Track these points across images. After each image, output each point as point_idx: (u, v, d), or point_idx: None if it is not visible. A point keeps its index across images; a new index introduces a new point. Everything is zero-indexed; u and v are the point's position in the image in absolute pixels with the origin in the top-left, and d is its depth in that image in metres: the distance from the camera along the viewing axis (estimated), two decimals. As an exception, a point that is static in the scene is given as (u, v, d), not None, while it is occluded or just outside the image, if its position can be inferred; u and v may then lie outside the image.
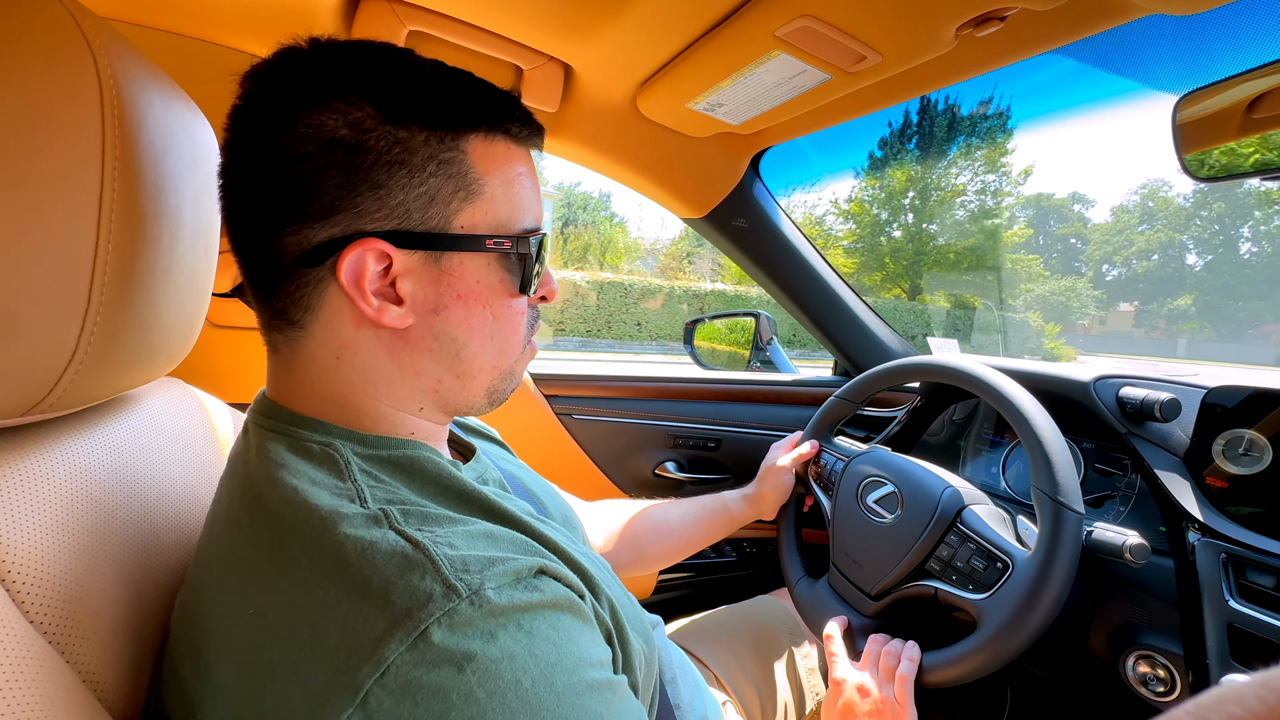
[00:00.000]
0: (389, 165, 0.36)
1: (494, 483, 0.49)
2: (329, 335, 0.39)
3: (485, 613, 0.30)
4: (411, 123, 0.37)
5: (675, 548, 0.85)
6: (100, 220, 0.35)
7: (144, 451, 0.46)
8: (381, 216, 0.37)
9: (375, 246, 0.37)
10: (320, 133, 0.35)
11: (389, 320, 0.38)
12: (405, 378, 0.41)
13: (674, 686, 0.63)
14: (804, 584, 0.84)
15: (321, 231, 0.36)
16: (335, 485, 0.35)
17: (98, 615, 0.36)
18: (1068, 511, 0.61)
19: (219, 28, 0.71)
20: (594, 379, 1.20)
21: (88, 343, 0.35)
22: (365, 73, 0.37)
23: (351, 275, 0.37)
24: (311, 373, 0.40)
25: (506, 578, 0.33)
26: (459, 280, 0.40)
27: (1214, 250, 40.01)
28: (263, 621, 0.31)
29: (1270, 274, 38.89)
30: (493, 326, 0.42)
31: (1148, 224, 41.33)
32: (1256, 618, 0.59)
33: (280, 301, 0.39)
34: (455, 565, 0.31)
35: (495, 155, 0.40)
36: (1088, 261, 42.23)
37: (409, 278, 0.38)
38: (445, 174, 0.38)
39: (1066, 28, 0.61)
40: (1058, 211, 44.47)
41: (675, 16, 0.65)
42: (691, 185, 1.03)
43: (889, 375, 0.87)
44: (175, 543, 0.45)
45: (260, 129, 0.36)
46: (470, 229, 0.39)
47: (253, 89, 0.37)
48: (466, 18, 0.71)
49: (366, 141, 0.36)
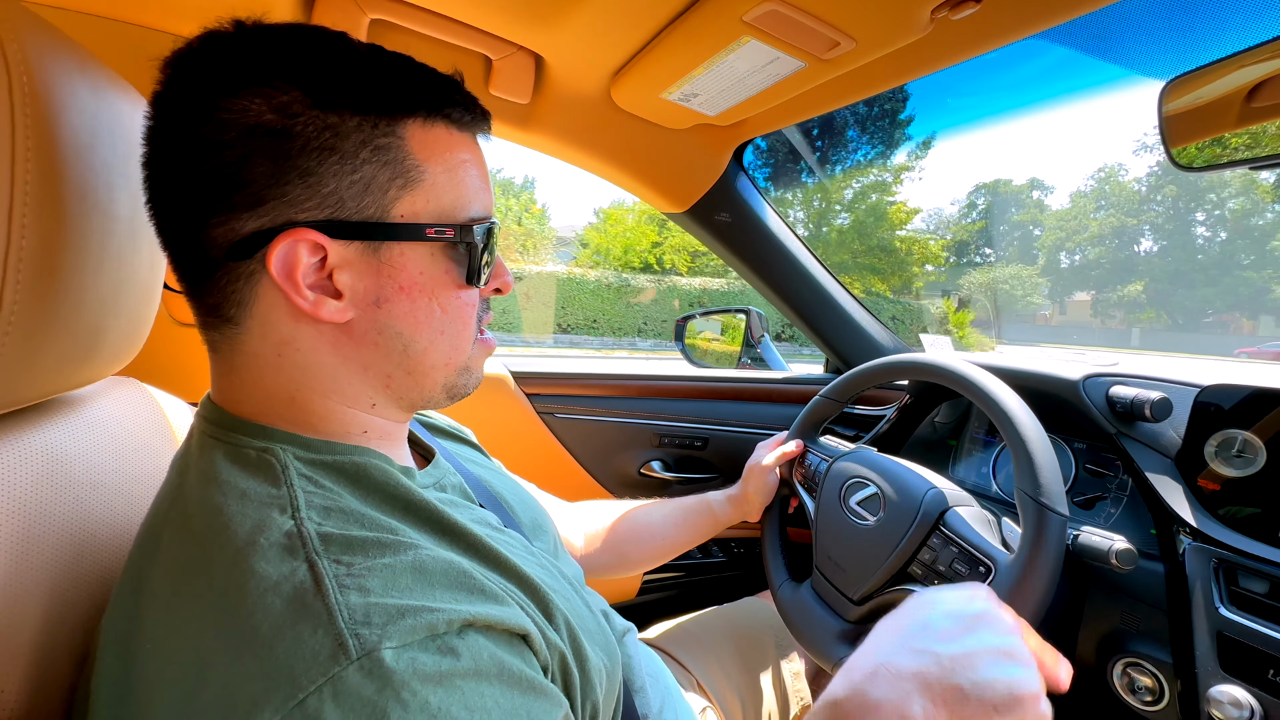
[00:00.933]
0: (319, 151, 0.35)
1: (453, 489, 0.48)
2: (267, 331, 0.37)
3: (377, 682, 0.27)
4: (342, 107, 0.35)
5: (658, 550, 0.84)
6: (12, 215, 0.33)
7: (84, 455, 0.45)
8: (313, 206, 0.35)
9: (307, 237, 0.35)
10: (244, 118, 0.34)
11: (327, 314, 0.37)
12: (352, 373, 0.39)
13: (642, 695, 0.62)
14: (787, 588, 0.83)
15: (250, 222, 0.35)
16: (268, 493, 0.34)
17: (21, 627, 0.34)
18: (1051, 514, 0.59)
19: (171, 15, 0.69)
20: (577, 377, 1.19)
21: (1, 343, 0.34)
22: (293, 56, 0.35)
23: (283, 267, 0.35)
24: (254, 371, 0.39)
25: (416, 634, 0.29)
26: (400, 272, 0.38)
27: (1166, 235, 38.63)
28: (156, 658, 0.30)
29: (1221, 259, 37.17)
30: (441, 319, 0.40)
31: (1101, 209, 40.01)
32: (1247, 626, 0.56)
33: (213, 297, 0.37)
34: (355, 616, 0.28)
35: (435, 141, 0.39)
36: (1041, 249, 41.00)
37: (346, 270, 0.37)
38: (380, 160, 0.36)
39: (1048, 10, 0.59)
40: (1015, 199, 43.19)
41: (641, 1, 0.63)
42: (672, 179, 1.01)
43: (874, 374, 0.85)
44: (117, 551, 0.43)
45: (182, 116, 0.35)
46: (411, 218, 0.38)
47: (174, 74, 0.35)
48: (430, 5, 0.69)
49: (293, 127, 0.34)
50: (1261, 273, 34.81)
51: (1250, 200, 35.60)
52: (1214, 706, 0.56)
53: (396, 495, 0.38)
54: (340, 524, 0.33)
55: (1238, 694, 0.55)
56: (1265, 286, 34.73)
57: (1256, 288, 35.02)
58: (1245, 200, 35.63)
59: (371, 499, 0.37)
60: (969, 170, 48.59)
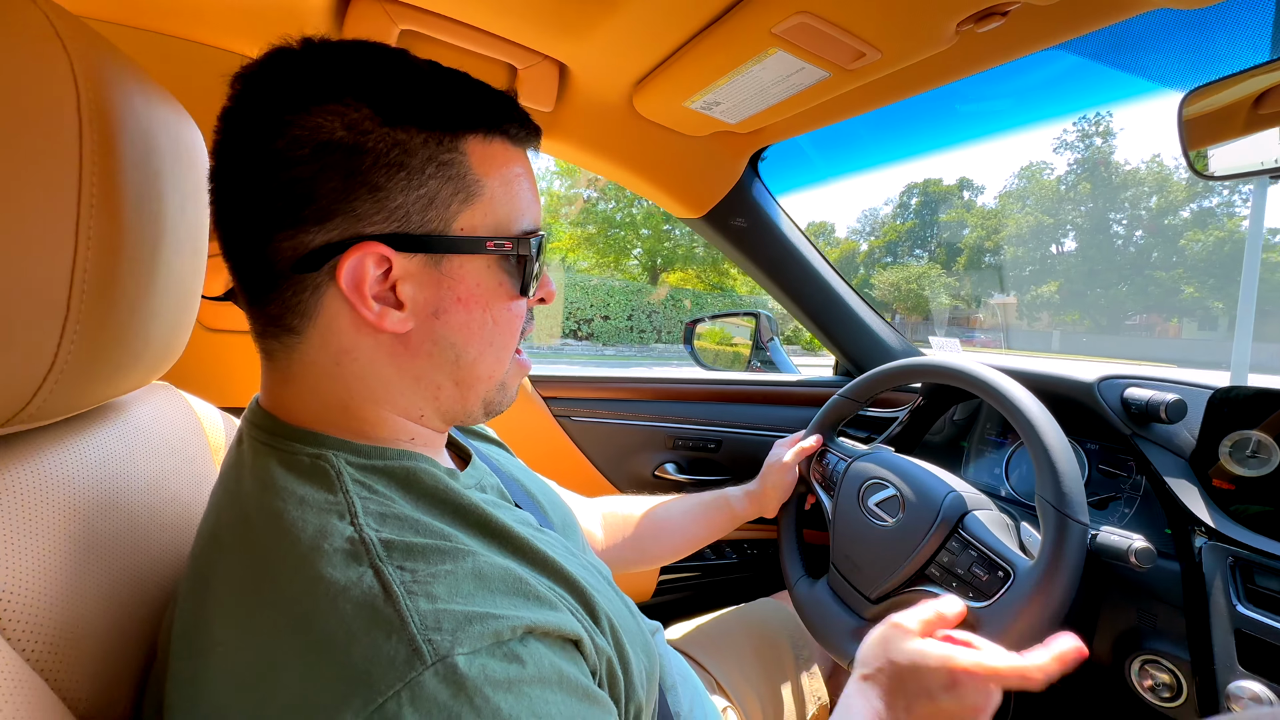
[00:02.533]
0: (388, 168, 0.35)
1: (492, 489, 0.48)
2: (328, 341, 0.38)
3: (453, 687, 0.28)
4: (410, 124, 0.36)
5: (678, 545, 0.85)
6: (79, 225, 0.34)
7: (132, 460, 0.45)
8: (380, 219, 0.36)
9: (375, 250, 0.36)
10: (317, 135, 0.34)
11: (390, 325, 0.38)
12: (405, 382, 0.40)
13: (674, 693, 0.62)
14: (803, 584, 0.83)
15: (319, 236, 0.36)
16: (325, 500, 0.35)
17: (83, 635, 0.35)
18: (1072, 523, 0.60)
19: (207, 27, 0.70)
20: (592, 380, 1.19)
21: (68, 350, 0.34)
22: (361, 73, 0.36)
23: (351, 280, 0.36)
24: (311, 380, 0.39)
25: (484, 640, 0.30)
26: (459, 283, 0.39)
27: (1081, 233, 36.94)
28: (228, 661, 0.30)
29: (1135, 258, 35.27)
30: (492, 331, 0.41)
31: (1020, 207, 38.83)
32: (1265, 623, 0.58)
33: (276, 308, 0.38)
34: (426, 622, 0.29)
35: (494, 156, 0.40)
36: (964, 248, 39.25)
37: (409, 281, 0.38)
38: (444, 176, 0.37)
39: (1070, 22, 0.60)
40: (944, 198, 42.14)
41: (670, 14, 0.64)
42: (689, 185, 1.02)
43: (894, 375, 0.86)
44: (166, 555, 0.44)
45: (253, 131, 0.35)
46: (470, 231, 0.39)
47: (244, 90, 0.36)
48: (459, 16, 0.70)
49: (365, 143, 0.35)
50: (1171, 272, 33.27)
51: (1165, 198, 33.96)
52: (1234, 702, 0.57)
53: (446, 499, 0.39)
54: (397, 530, 0.34)
55: (1257, 689, 0.56)
56: (1175, 286, 32.98)
57: (1166, 287, 33.36)
58: (1161, 198, 34.02)
59: (422, 503, 0.38)
60: (906, 169, 47.74)
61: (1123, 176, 34.68)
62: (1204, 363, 26.53)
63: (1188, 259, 32.18)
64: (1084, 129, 36.39)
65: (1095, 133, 35.98)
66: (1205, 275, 31.46)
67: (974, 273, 38.15)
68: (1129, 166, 35.32)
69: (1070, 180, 37.11)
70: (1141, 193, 34.17)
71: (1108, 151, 35.91)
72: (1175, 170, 32.92)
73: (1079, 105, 45.83)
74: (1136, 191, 34.53)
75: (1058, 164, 37.93)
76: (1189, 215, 32.63)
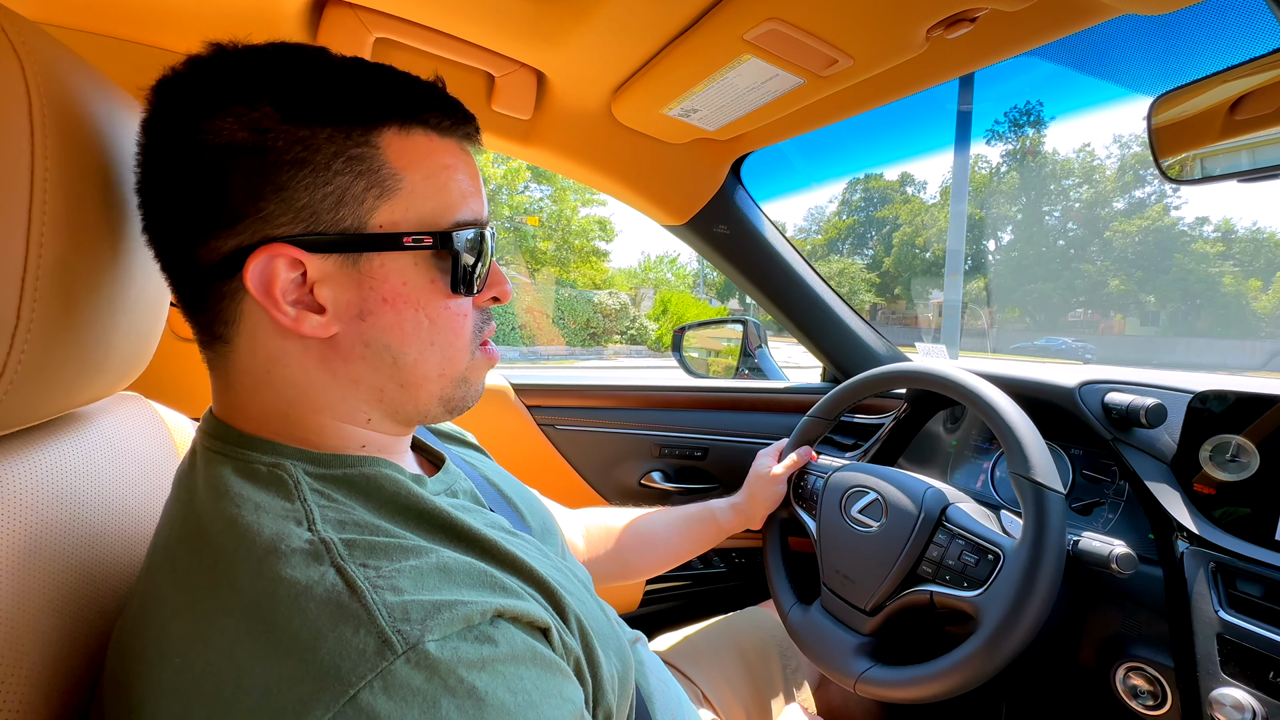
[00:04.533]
0: (291, 165, 0.35)
1: (465, 494, 0.48)
2: (255, 348, 0.38)
3: (426, 672, 0.28)
4: (313, 120, 0.35)
5: (661, 559, 0.84)
6: (30, 233, 0.33)
7: (92, 472, 0.44)
8: (288, 220, 0.35)
9: (283, 252, 0.35)
10: (219, 137, 0.34)
11: (309, 329, 0.37)
12: (342, 388, 0.39)
13: (653, 704, 0.61)
14: (796, 611, 0.82)
15: (229, 240, 0.35)
16: (283, 507, 0.34)
17: (26, 650, 0.34)
18: (1047, 491, 0.61)
19: (177, 35, 0.70)
20: (577, 388, 1.19)
21: (18, 360, 0.34)
22: (266, 74, 0.36)
23: (260, 284, 0.35)
24: (247, 388, 0.39)
25: (454, 626, 0.30)
26: (382, 283, 0.38)
27: (1010, 227, 34.90)
28: (186, 672, 0.29)
29: (1063, 251, 32.68)
30: (430, 331, 0.40)
31: (952, 201, 36.96)
32: (1246, 629, 0.57)
33: (204, 316, 0.38)
34: (394, 614, 0.29)
35: (414, 148, 0.38)
36: (896, 244, 37.45)
37: (326, 284, 0.37)
38: (355, 171, 0.36)
39: (1038, 29, 0.60)
40: (884, 194, 41.09)
41: (644, 21, 0.65)
42: (671, 192, 1.03)
43: (857, 389, 0.87)
44: (125, 570, 0.43)
45: (167, 139, 0.35)
46: (390, 227, 0.37)
47: (158, 99, 0.36)
48: (434, 24, 0.70)
49: (265, 142, 0.34)
50: (1098, 264, 31.08)
51: (1093, 189, 31.89)
52: (1216, 709, 0.57)
53: (409, 505, 0.38)
54: (357, 534, 0.34)
55: (1239, 696, 0.56)
56: (1101, 279, 30.82)
57: (1093, 280, 31.19)
58: (1090, 189, 31.99)
59: (384, 511, 0.37)
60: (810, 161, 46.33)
61: (1052, 167, 33.14)
62: (1151, 362, 25.39)
63: (1114, 251, 30.55)
64: (1014, 118, 34.95)
65: (1026, 122, 34.54)
66: (1132, 267, 29.99)
67: (904, 270, 36.50)
68: (1061, 156, 33.60)
69: (1001, 172, 35.69)
70: (1071, 183, 32.52)
71: (1039, 141, 34.45)
72: (1105, 160, 31.66)
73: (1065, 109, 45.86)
74: (1065, 183, 32.73)
75: (991, 155, 36.60)
76: (1122, 206, 30.94)
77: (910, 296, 36.35)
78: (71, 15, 0.67)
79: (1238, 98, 0.60)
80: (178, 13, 0.67)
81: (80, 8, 0.66)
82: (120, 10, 0.66)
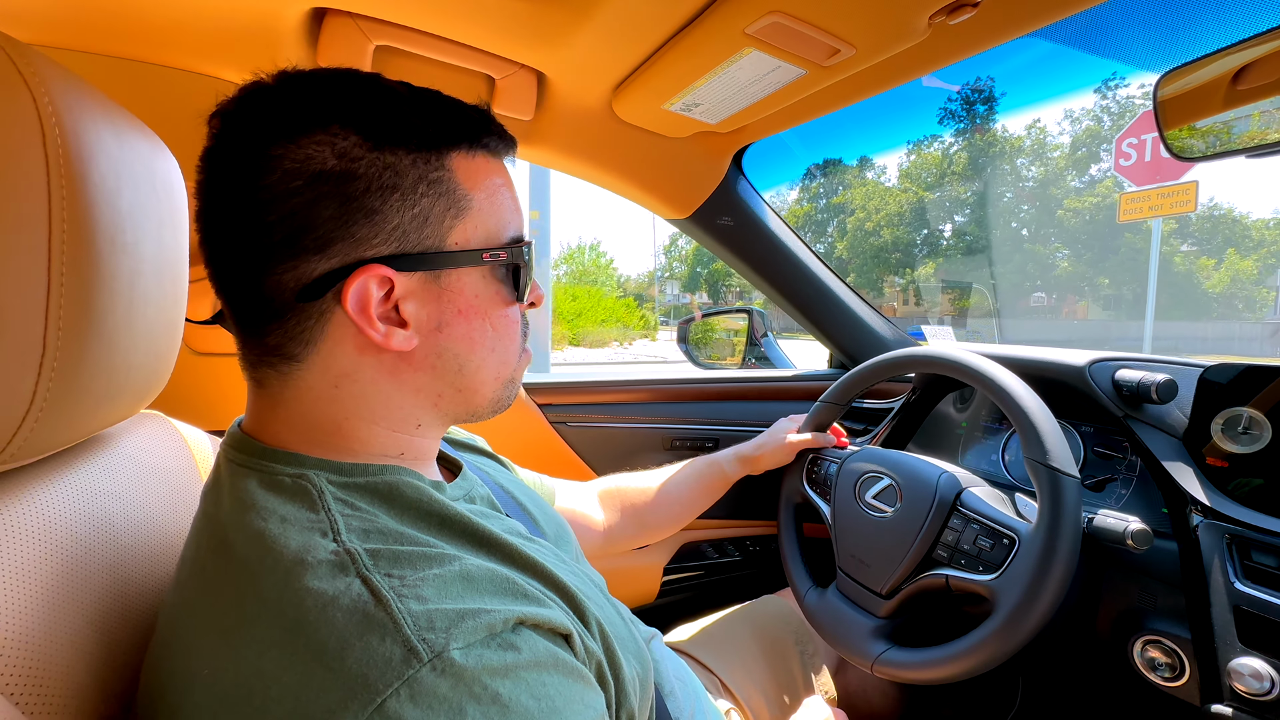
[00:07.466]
0: (382, 190, 0.36)
1: (482, 500, 0.49)
2: (329, 366, 0.39)
3: (451, 679, 0.28)
4: (398, 146, 0.37)
5: (676, 514, 0.88)
6: (50, 262, 0.34)
7: (119, 492, 0.45)
8: (379, 242, 0.37)
9: (377, 272, 0.37)
10: (309, 165, 0.35)
11: (396, 344, 0.38)
12: (405, 396, 0.41)
13: (673, 699, 0.62)
14: (813, 594, 0.84)
15: (320, 264, 0.36)
16: (307, 518, 0.35)
17: (65, 672, 0.35)
18: (1063, 476, 0.61)
19: (177, 52, 0.69)
20: (587, 385, 1.19)
21: (46, 388, 0.34)
22: (342, 101, 0.37)
23: (358, 304, 0.37)
24: (304, 404, 0.39)
25: (477, 634, 0.31)
26: (459, 296, 0.40)
27: (963, 210, 32.78)
28: (216, 685, 0.30)
29: (1013, 234, 30.39)
30: (492, 338, 0.43)
31: (905, 184, 34.32)
32: (1263, 599, 0.58)
33: (275, 338, 0.38)
34: (419, 623, 0.30)
35: (477, 170, 0.41)
36: (847, 231, 35.41)
37: (411, 299, 0.39)
38: (435, 193, 0.38)
39: (1042, 9, 0.60)
40: (843, 179, 39.85)
41: (644, 18, 0.64)
42: (674, 186, 1.02)
43: (870, 374, 0.87)
44: (154, 587, 0.44)
45: (239, 168, 0.36)
46: (464, 244, 0.40)
47: (224, 128, 0.37)
48: (434, 30, 0.70)
49: (356, 169, 0.36)
50: (1049, 246, 29.16)
51: (1045, 167, 29.87)
52: (1235, 679, 0.57)
53: (431, 511, 0.39)
54: (381, 543, 0.34)
55: (1258, 665, 0.56)
56: (1051, 262, 28.86)
57: (1043, 263, 29.26)
58: (1041, 168, 29.96)
59: (407, 517, 0.38)
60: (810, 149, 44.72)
61: (999, 146, 31.12)
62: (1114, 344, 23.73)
63: (1065, 230, 28.50)
64: (966, 95, 32.88)
65: (978, 99, 32.71)
66: (1081, 249, 28.07)
67: (859, 256, 34.73)
68: (1010, 134, 31.58)
69: (951, 154, 33.66)
70: (1022, 163, 30.42)
71: (988, 118, 32.70)
72: (1057, 136, 29.61)
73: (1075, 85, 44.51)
74: (1017, 161, 30.56)
75: (944, 134, 34.43)
76: (1075, 184, 28.71)
77: (867, 284, 34.85)
78: (68, 36, 0.66)
79: (1239, 69, 0.60)
80: (177, 29, 0.66)
81: (77, 28, 0.65)
82: (118, 29, 0.66)
